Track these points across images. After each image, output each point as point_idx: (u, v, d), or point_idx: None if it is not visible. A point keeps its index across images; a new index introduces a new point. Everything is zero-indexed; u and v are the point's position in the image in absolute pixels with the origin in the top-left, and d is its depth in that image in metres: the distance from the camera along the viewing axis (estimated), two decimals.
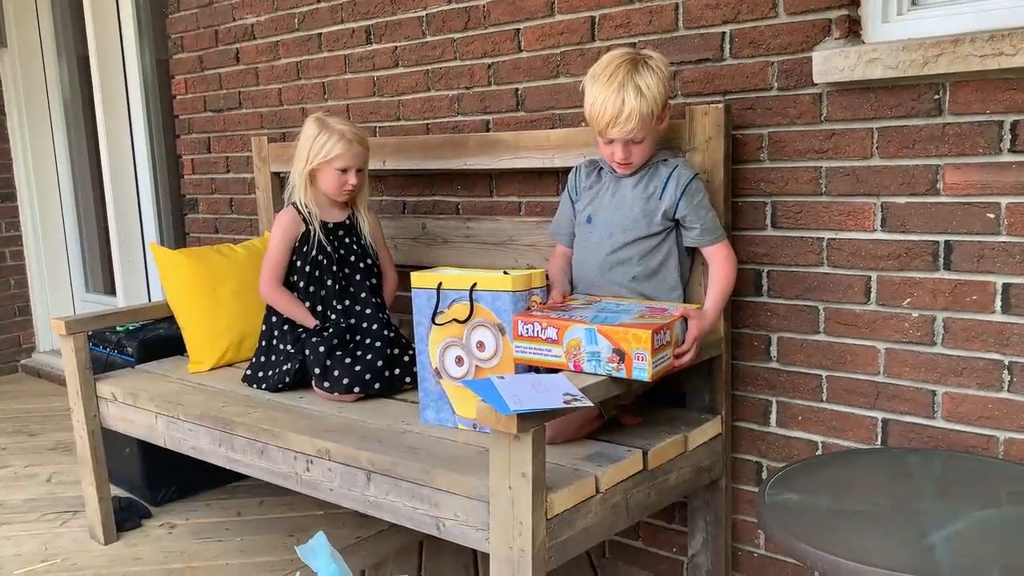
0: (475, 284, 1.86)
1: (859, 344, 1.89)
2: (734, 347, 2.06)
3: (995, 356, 1.73)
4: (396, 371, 2.23)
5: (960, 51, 1.64)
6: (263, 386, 2.34)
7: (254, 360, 2.42)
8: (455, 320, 1.89)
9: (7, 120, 4.63)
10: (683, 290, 1.94)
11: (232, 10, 3.21)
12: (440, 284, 1.91)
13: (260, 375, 2.37)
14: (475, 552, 2.46)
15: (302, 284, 2.35)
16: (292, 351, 2.31)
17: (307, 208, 2.35)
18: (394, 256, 2.56)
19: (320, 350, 2.21)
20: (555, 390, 1.54)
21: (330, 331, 2.26)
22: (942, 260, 1.77)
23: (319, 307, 2.34)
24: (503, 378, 1.62)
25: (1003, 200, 1.68)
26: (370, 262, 2.41)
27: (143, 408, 2.40)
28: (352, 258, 2.39)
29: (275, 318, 2.39)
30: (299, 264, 2.35)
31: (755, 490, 2.07)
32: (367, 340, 2.26)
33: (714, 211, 1.88)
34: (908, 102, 1.76)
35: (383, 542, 2.59)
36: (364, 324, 2.31)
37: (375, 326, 2.30)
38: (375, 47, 2.73)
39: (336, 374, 2.18)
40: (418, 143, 2.53)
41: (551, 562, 1.56)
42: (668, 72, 1.84)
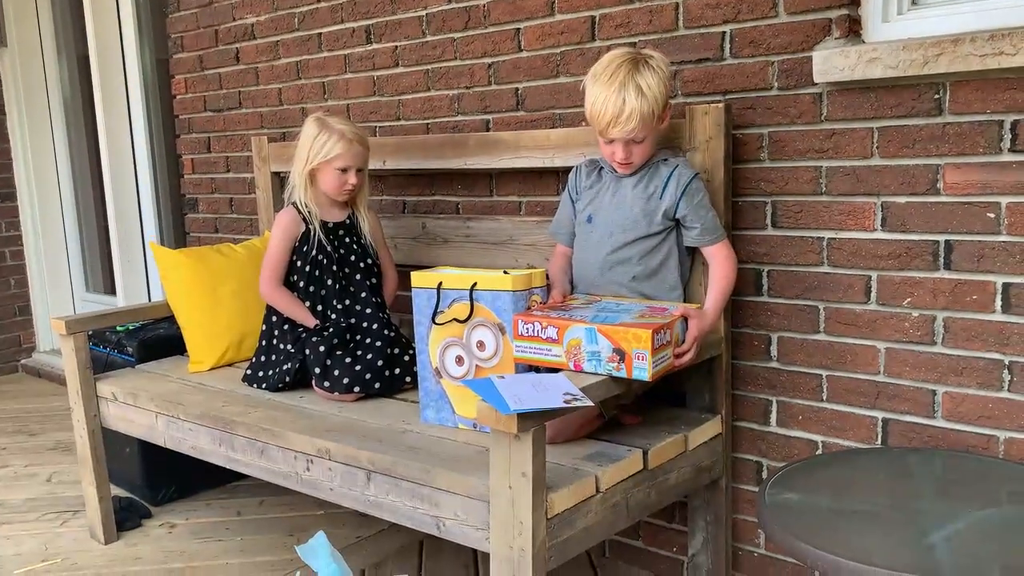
0: (475, 284, 1.86)
1: (859, 344, 1.89)
2: (734, 347, 2.06)
3: (995, 356, 1.73)
4: (396, 371, 2.23)
5: (960, 51, 1.64)
6: (263, 386, 2.34)
7: (254, 360, 2.42)
8: (455, 320, 1.89)
9: (7, 119, 4.63)
10: (683, 290, 1.94)
11: (232, 10, 3.21)
12: (440, 284, 1.91)
13: (260, 375, 2.37)
14: (475, 552, 2.46)
15: (302, 284, 2.35)
16: (292, 351, 2.31)
17: (307, 208, 2.35)
18: (394, 256, 2.56)
19: (320, 350, 2.21)
20: (555, 390, 1.54)
21: (330, 331, 2.26)
22: (942, 260, 1.77)
23: (319, 307, 2.34)
24: (503, 378, 1.62)
25: (1003, 200, 1.68)
26: (370, 262, 2.41)
27: (143, 408, 2.41)
28: (352, 258, 2.39)
29: (275, 318, 2.39)
30: (299, 264, 2.35)
31: (755, 490, 2.07)
32: (367, 340, 2.26)
33: (714, 211, 1.88)
34: (908, 102, 1.76)
35: (383, 542, 2.59)
36: (364, 324, 2.31)
37: (375, 326, 2.30)
38: (375, 47, 2.73)
39: (336, 374, 2.18)
40: (418, 143, 2.53)
41: (551, 562, 1.56)
42: (669, 72, 1.84)
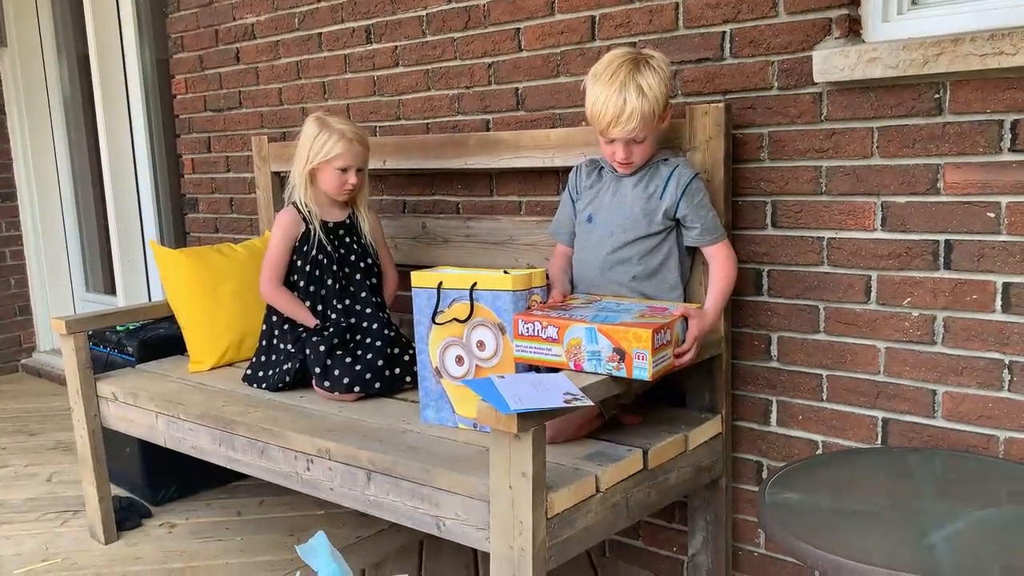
0: (475, 283, 1.86)
1: (859, 343, 1.89)
2: (734, 346, 2.06)
3: (995, 355, 1.73)
4: (396, 370, 2.23)
5: (960, 50, 1.64)
6: (263, 385, 2.34)
7: (254, 359, 2.42)
8: (455, 319, 1.89)
9: (7, 119, 4.63)
10: (683, 289, 1.94)
11: (232, 9, 3.21)
12: (440, 283, 1.91)
13: (260, 374, 2.37)
14: (475, 551, 2.46)
15: (302, 283, 2.35)
16: (292, 350, 2.31)
17: (307, 207, 2.35)
18: (394, 255, 2.56)
19: (320, 349, 2.21)
20: (555, 389, 1.54)
21: (330, 330, 2.26)
22: (942, 259, 1.77)
23: (319, 306, 2.34)
24: (503, 377, 1.62)
25: (1003, 199, 1.68)
26: (370, 261, 2.41)
27: (143, 408, 2.41)
28: (352, 257, 2.39)
29: (275, 317, 2.39)
30: (299, 263, 2.35)
31: (755, 489, 2.07)
32: (367, 339, 2.26)
33: (714, 211, 1.88)
34: (908, 101, 1.76)
35: (383, 541, 2.59)
36: (364, 323, 2.31)
37: (375, 325, 2.30)
38: (375, 47, 2.73)
39: (336, 373, 2.18)
40: (418, 143, 2.53)
41: (551, 561, 1.56)
42: (669, 72, 1.85)
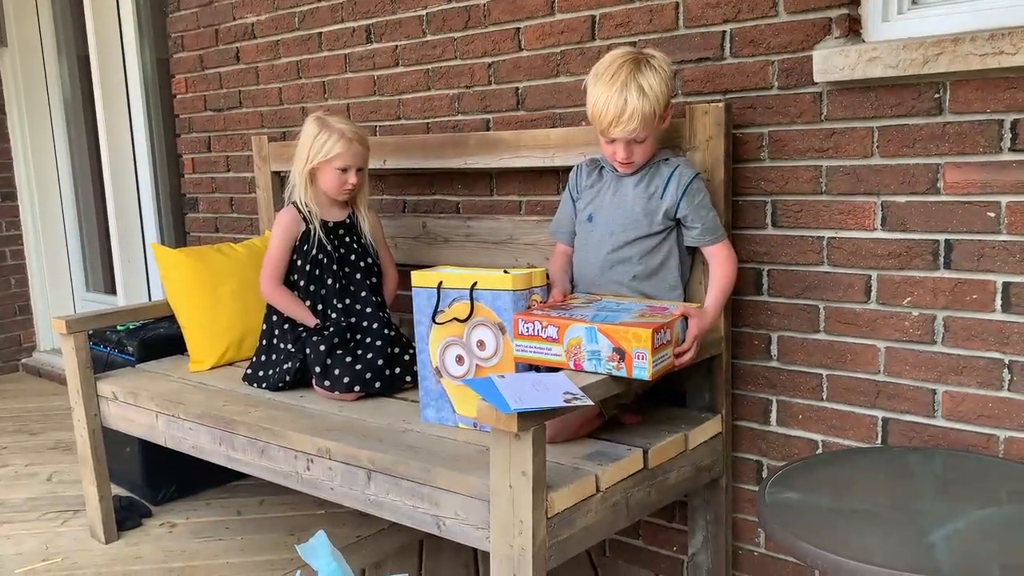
0: (475, 283, 1.86)
1: (859, 343, 1.89)
2: (734, 346, 2.06)
3: (995, 355, 1.73)
4: (396, 370, 2.23)
5: (960, 50, 1.64)
6: (263, 385, 2.34)
7: (254, 359, 2.42)
8: (455, 319, 1.89)
9: (7, 119, 4.63)
10: (683, 289, 1.94)
11: (232, 9, 3.21)
12: (440, 283, 1.91)
13: (260, 374, 2.37)
14: (475, 551, 2.46)
15: (302, 283, 2.35)
16: (292, 350, 2.31)
17: (307, 207, 2.35)
18: (394, 255, 2.56)
19: (320, 349, 2.22)
20: (555, 389, 1.54)
21: (330, 330, 2.26)
22: (942, 259, 1.77)
23: (319, 306, 2.34)
24: (503, 377, 1.62)
25: (1003, 199, 1.68)
26: (370, 261, 2.41)
27: (144, 407, 2.41)
28: (352, 257, 2.39)
29: (275, 317, 2.39)
30: (299, 263, 2.35)
31: (755, 489, 2.07)
32: (367, 339, 2.26)
33: (715, 211, 1.88)
34: (908, 101, 1.76)
35: (383, 541, 2.59)
36: (364, 323, 2.31)
37: (375, 325, 2.30)
38: (375, 46, 2.73)
39: (336, 373, 2.18)
40: (418, 142, 2.53)
41: (551, 561, 1.56)
42: (670, 71, 1.84)
